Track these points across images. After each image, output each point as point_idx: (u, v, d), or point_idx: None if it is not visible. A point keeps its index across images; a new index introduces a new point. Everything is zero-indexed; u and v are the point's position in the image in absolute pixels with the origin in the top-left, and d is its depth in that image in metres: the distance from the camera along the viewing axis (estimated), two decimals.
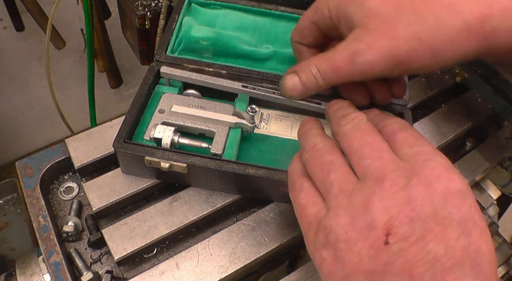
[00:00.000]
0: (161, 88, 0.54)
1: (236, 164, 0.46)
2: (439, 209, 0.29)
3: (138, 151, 0.46)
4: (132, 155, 0.46)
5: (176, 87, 0.54)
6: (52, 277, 0.44)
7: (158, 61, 0.54)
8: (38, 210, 0.49)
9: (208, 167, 0.45)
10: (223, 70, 0.54)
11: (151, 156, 0.45)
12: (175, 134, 0.47)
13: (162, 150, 0.46)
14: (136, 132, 0.49)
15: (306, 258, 0.58)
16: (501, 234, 0.71)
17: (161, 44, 0.56)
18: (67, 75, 1.54)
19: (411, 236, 0.28)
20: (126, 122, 0.48)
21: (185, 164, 0.45)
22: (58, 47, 1.15)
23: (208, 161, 0.46)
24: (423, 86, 0.65)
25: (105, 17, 1.15)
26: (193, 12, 0.60)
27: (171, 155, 0.46)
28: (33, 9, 1.07)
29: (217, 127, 0.49)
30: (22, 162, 0.52)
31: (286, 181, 0.39)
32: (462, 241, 0.28)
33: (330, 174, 0.34)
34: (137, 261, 0.48)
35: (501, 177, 0.71)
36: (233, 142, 0.49)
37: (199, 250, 0.46)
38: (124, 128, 0.47)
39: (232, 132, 0.49)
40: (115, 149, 0.46)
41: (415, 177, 0.30)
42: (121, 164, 0.49)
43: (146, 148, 0.46)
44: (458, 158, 0.62)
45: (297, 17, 0.59)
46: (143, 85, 0.52)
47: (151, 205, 0.49)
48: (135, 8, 0.80)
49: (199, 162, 0.45)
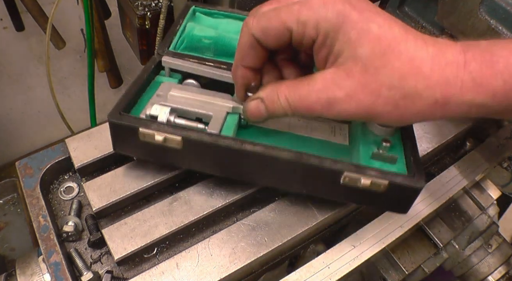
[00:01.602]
0: (161, 78, 0.54)
1: (233, 140, 0.44)
2: None
3: (133, 122, 0.45)
4: (126, 126, 0.45)
5: (176, 78, 0.54)
6: (52, 277, 0.44)
7: (159, 55, 0.54)
8: (38, 210, 0.49)
9: (204, 141, 0.44)
10: (223, 65, 0.54)
11: (146, 128, 0.44)
12: (171, 114, 0.46)
13: (157, 123, 0.45)
14: (133, 111, 0.49)
15: (306, 258, 0.59)
16: (501, 234, 0.71)
17: (164, 42, 0.56)
18: (67, 75, 1.54)
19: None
20: (124, 96, 0.47)
21: (179, 137, 0.44)
22: (58, 47, 1.15)
23: (204, 135, 0.44)
24: None
25: (105, 17, 1.16)
26: (197, 19, 0.61)
27: (166, 128, 0.44)
28: (33, 9, 1.07)
29: (214, 111, 0.48)
30: (22, 162, 0.52)
31: (282, 160, 0.39)
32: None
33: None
34: (137, 261, 0.48)
35: (501, 177, 0.71)
36: (230, 125, 0.48)
37: (199, 250, 0.46)
38: (122, 102, 0.46)
39: (230, 117, 0.49)
40: (110, 120, 0.45)
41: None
42: (113, 139, 0.47)
43: (141, 120, 0.45)
44: (458, 158, 0.62)
45: None
46: (144, 72, 0.52)
47: (151, 205, 0.49)
48: (135, 8, 0.80)
49: (194, 136, 0.44)
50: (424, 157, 0.58)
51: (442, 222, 0.63)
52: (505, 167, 0.69)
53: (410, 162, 0.46)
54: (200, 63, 0.54)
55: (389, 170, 0.44)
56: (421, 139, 0.58)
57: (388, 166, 0.46)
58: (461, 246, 0.66)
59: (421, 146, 0.58)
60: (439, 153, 0.62)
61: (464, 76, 0.36)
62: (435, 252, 0.63)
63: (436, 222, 0.63)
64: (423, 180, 0.43)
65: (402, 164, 0.47)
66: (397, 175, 0.43)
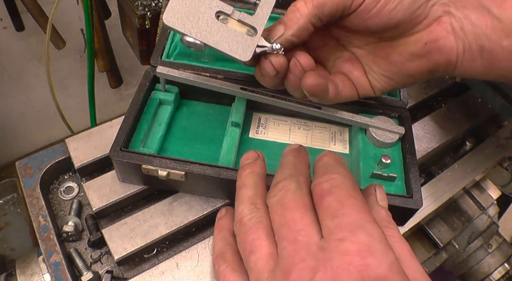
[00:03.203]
0: (157, 94, 0.53)
1: (235, 171, 0.45)
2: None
3: (135, 159, 0.45)
4: (128, 163, 0.46)
5: (172, 92, 0.54)
6: (52, 277, 0.44)
7: (153, 66, 0.53)
8: (38, 210, 0.49)
9: (207, 174, 0.45)
10: (220, 74, 0.53)
11: (148, 164, 0.45)
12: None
13: (159, 158, 0.46)
14: (133, 140, 0.49)
15: None
16: (501, 234, 0.71)
17: (156, 50, 0.55)
18: (67, 75, 1.54)
19: None
20: (122, 130, 0.47)
21: (183, 172, 0.45)
22: (58, 47, 1.15)
23: (206, 169, 0.45)
24: (423, 86, 0.65)
25: (105, 17, 1.15)
26: None
27: (168, 163, 0.45)
28: (33, 9, 1.07)
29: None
30: (22, 162, 0.52)
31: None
32: None
33: (251, 257, 0.34)
34: (137, 261, 0.48)
35: (501, 177, 0.71)
36: (231, 147, 0.49)
37: (199, 250, 0.46)
38: (120, 136, 0.47)
39: (230, 137, 0.49)
40: (112, 157, 0.46)
41: (321, 270, 0.29)
42: (117, 172, 0.48)
43: (143, 156, 0.46)
44: (458, 158, 0.62)
45: None
46: (139, 92, 0.51)
47: (151, 205, 0.49)
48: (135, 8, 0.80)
49: (197, 170, 0.45)
50: (424, 157, 0.58)
51: (442, 222, 0.63)
52: (505, 167, 0.69)
53: (409, 180, 0.47)
54: (196, 73, 0.52)
55: (387, 190, 0.45)
56: (421, 139, 0.58)
57: (387, 184, 0.47)
58: (461, 246, 0.66)
59: (421, 146, 0.58)
60: (439, 153, 0.62)
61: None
62: (435, 252, 0.63)
63: (436, 222, 0.63)
64: (421, 201, 0.44)
65: (401, 181, 0.48)
66: (396, 197, 0.44)
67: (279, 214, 0.34)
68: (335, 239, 0.30)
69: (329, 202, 0.33)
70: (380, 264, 0.28)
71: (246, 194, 0.38)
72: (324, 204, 0.33)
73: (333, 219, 0.31)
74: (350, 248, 0.29)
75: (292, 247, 0.31)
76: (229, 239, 0.41)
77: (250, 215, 0.36)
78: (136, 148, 0.48)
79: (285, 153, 0.41)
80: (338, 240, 0.30)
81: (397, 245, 0.33)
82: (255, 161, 0.41)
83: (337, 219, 0.31)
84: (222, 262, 0.39)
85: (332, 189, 0.34)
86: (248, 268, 0.35)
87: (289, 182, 0.36)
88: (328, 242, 0.30)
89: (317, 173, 0.37)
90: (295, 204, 0.34)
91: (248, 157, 0.42)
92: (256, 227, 0.35)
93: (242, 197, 0.38)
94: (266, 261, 0.33)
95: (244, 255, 0.36)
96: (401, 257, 0.32)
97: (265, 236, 0.34)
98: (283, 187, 0.36)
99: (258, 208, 0.36)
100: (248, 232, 0.35)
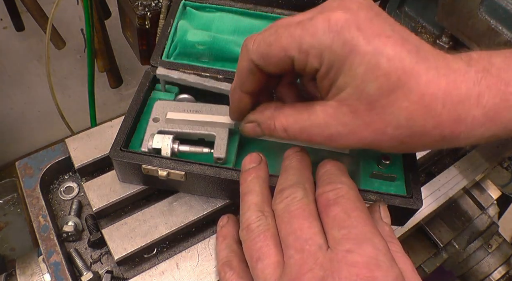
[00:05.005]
0: (157, 94, 0.53)
1: (235, 171, 0.45)
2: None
3: (135, 159, 0.45)
4: (128, 163, 0.46)
5: (172, 92, 0.53)
6: (52, 277, 0.44)
7: (153, 67, 0.53)
8: (38, 210, 0.49)
9: (207, 174, 0.45)
10: (220, 74, 0.53)
11: (149, 165, 0.45)
12: (174, 142, 0.46)
13: (159, 158, 0.45)
14: (133, 140, 0.49)
15: None
16: (501, 234, 0.71)
17: (156, 50, 0.55)
18: (67, 75, 1.54)
19: None
20: (122, 130, 0.47)
21: (183, 172, 0.45)
22: (58, 47, 1.15)
23: (206, 169, 0.45)
24: None
25: (105, 17, 1.15)
26: (188, 15, 0.59)
27: (168, 163, 0.45)
28: (33, 9, 1.07)
29: (216, 130, 0.48)
30: (22, 162, 0.52)
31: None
32: None
33: (258, 264, 0.34)
34: (137, 261, 0.48)
35: (501, 177, 0.71)
36: (231, 148, 0.49)
37: (199, 250, 0.46)
38: (120, 136, 0.47)
39: (230, 138, 0.49)
40: (112, 157, 0.46)
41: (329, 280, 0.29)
42: (117, 172, 0.48)
43: (143, 156, 0.46)
44: (458, 158, 0.62)
45: None
46: (139, 92, 0.51)
47: (151, 205, 0.49)
48: (135, 8, 0.80)
49: (197, 170, 0.45)
50: (424, 157, 0.58)
51: (442, 222, 0.63)
52: (505, 167, 0.69)
53: (409, 181, 0.47)
54: (196, 74, 0.52)
55: (387, 190, 0.45)
56: None
57: (387, 184, 0.47)
58: (461, 246, 0.66)
59: None
60: (439, 153, 0.62)
61: (476, 111, 0.33)
62: (435, 252, 0.63)
63: (436, 222, 0.63)
64: (421, 201, 0.44)
65: (401, 181, 0.48)
66: (396, 198, 0.44)
67: (286, 222, 0.34)
68: (343, 250, 0.31)
69: (335, 212, 0.33)
70: (387, 277, 0.29)
71: (253, 200, 0.38)
72: (331, 214, 0.34)
73: (339, 230, 0.32)
74: (358, 260, 0.30)
75: (299, 256, 0.32)
76: (234, 246, 0.41)
77: (258, 222, 0.36)
78: (136, 148, 0.48)
79: (288, 156, 0.41)
80: (345, 251, 0.31)
81: (401, 260, 0.34)
82: (259, 165, 0.41)
83: (344, 230, 0.32)
84: (228, 270, 0.39)
85: (337, 199, 0.34)
86: (254, 275, 0.35)
87: (296, 189, 0.36)
88: (335, 253, 0.31)
89: (321, 181, 0.37)
90: (303, 213, 0.34)
91: (252, 160, 0.42)
92: (264, 234, 0.35)
93: (249, 203, 0.38)
94: (273, 269, 0.33)
95: (251, 262, 0.36)
96: (404, 271, 0.33)
97: (273, 244, 0.35)
98: (289, 194, 0.36)
99: (266, 215, 0.37)
100: (256, 239, 0.35)
